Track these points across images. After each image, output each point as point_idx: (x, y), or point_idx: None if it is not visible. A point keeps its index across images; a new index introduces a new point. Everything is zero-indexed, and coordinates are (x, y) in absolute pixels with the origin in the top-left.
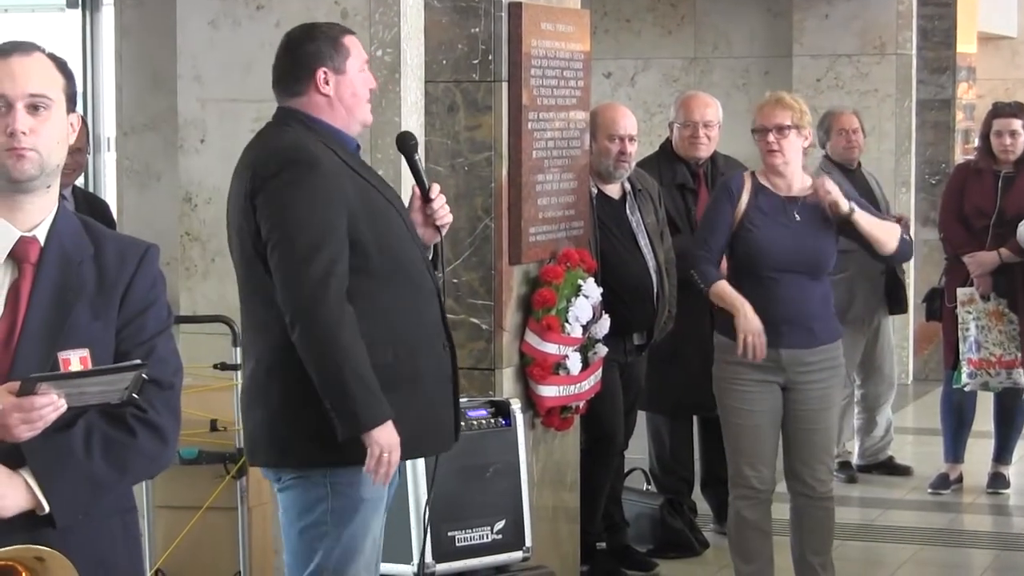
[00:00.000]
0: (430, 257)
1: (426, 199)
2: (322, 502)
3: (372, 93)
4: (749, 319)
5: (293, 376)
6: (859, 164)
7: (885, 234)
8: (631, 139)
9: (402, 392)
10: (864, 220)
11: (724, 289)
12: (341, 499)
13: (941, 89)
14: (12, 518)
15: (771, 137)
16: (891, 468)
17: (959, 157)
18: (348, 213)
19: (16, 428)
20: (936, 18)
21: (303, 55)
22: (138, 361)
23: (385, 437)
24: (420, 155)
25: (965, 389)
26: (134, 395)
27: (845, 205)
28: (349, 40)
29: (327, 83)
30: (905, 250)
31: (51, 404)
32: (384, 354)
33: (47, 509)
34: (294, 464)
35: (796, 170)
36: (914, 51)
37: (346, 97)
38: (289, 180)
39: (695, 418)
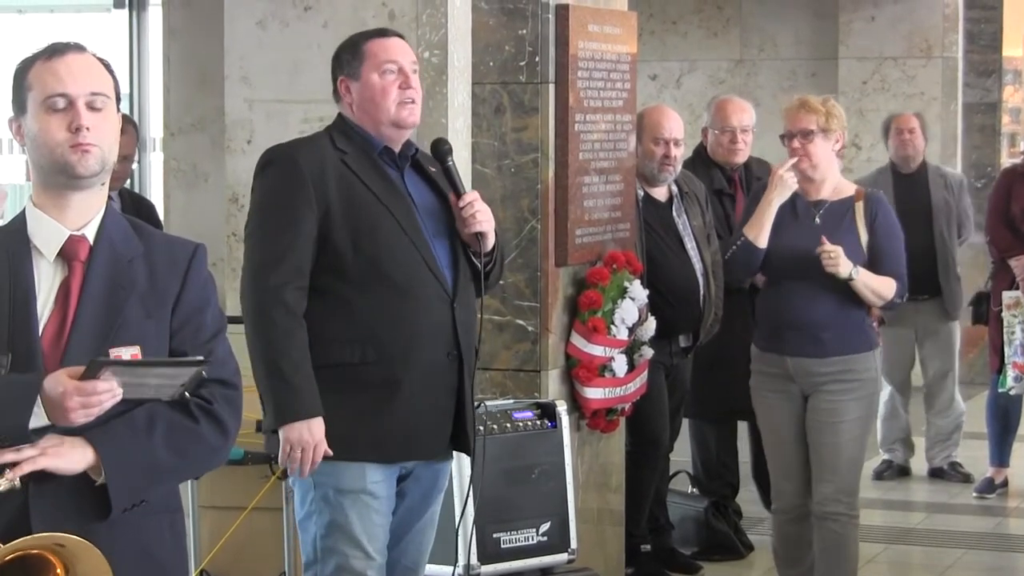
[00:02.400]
0: (485, 266)
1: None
2: (309, 492)
3: (403, 92)
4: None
5: None
6: (923, 166)
7: (875, 296)
8: (676, 143)
9: (372, 395)
10: (862, 286)
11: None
12: (321, 489)
13: (987, 92)
14: (66, 509)
15: (796, 143)
16: (952, 473)
17: (1005, 160)
18: (321, 212)
19: (74, 412)
20: (983, 21)
21: (333, 65)
22: (200, 358)
23: (296, 435)
24: (453, 160)
25: (1011, 393)
26: (187, 394)
27: (845, 272)
28: (372, 45)
29: (348, 91)
30: (894, 305)
31: (110, 391)
32: (350, 353)
33: (103, 478)
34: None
35: (828, 174)
36: (960, 54)
37: (365, 104)
38: (260, 180)
39: (748, 424)
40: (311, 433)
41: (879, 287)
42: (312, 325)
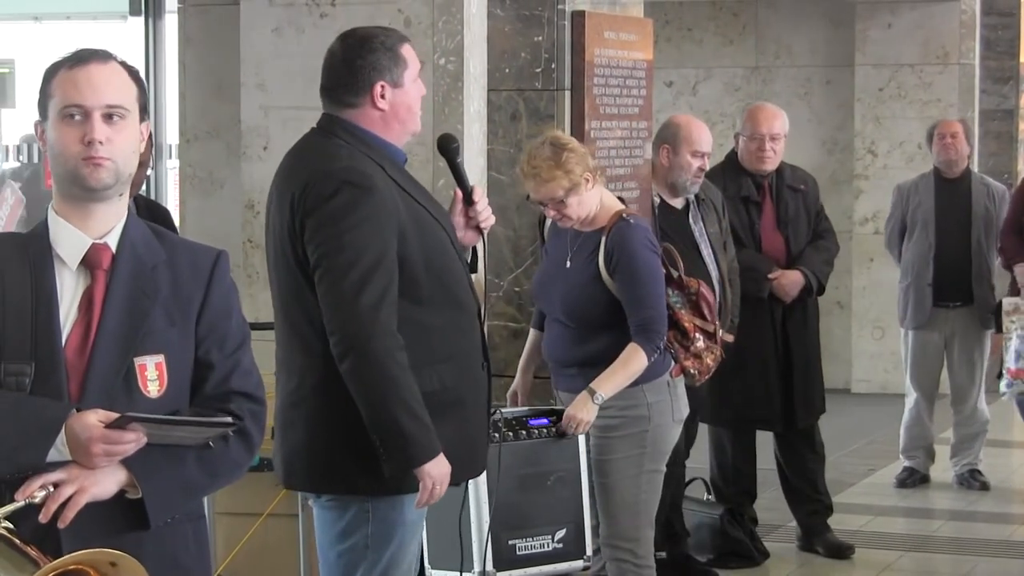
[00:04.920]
0: (468, 259)
1: (468, 201)
2: (362, 527)
3: (423, 100)
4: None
5: (339, 397)
6: (967, 173)
7: (629, 377)
8: (708, 155)
9: (447, 419)
10: (615, 389)
11: None
12: (381, 524)
13: (1004, 99)
14: (97, 520)
15: (551, 213)
16: (971, 481)
17: (1022, 167)
18: (399, 236)
19: (97, 457)
20: (1000, 28)
21: (361, 67)
22: (228, 419)
23: (437, 471)
24: (462, 157)
25: (1003, 399)
26: (210, 443)
27: (591, 417)
28: (406, 50)
29: (383, 97)
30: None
31: (135, 440)
32: (431, 381)
33: (140, 493)
34: (337, 490)
35: (593, 212)
36: (977, 61)
37: (401, 111)
38: (343, 204)
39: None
40: (446, 465)
41: (628, 373)
42: None
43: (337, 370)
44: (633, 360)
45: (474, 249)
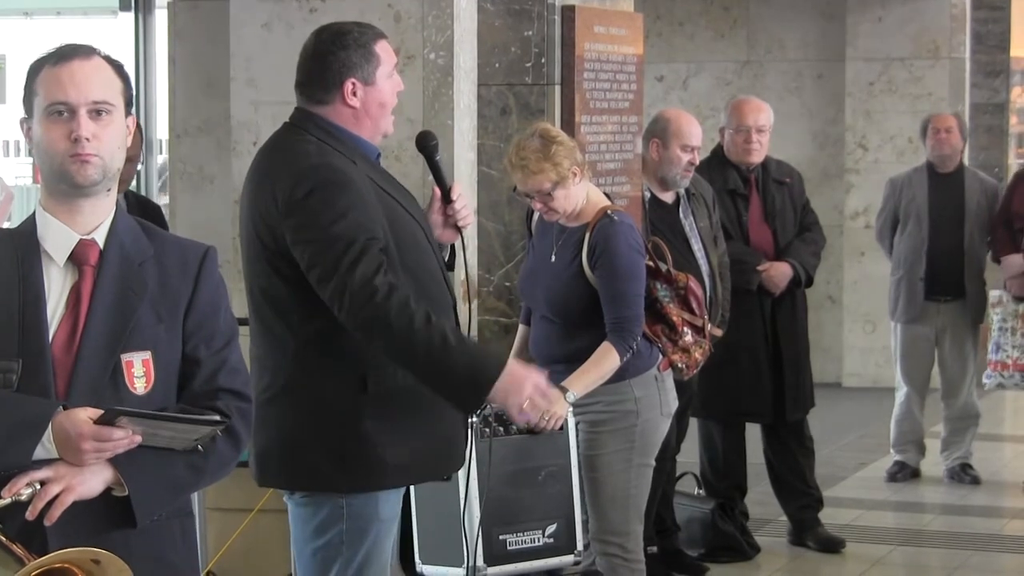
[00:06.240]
0: (446, 257)
1: (447, 199)
2: (336, 524)
3: (398, 96)
4: None
5: (308, 394)
6: (960, 168)
7: (602, 376)
8: (698, 149)
9: (423, 415)
10: (587, 389)
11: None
12: (356, 521)
13: (995, 93)
14: (83, 518)
15: (538, 205)
16: (962, 475)
17: (1012, 161)
18: (381, 232)
19: (87, 455)
20: (990, 21)
21: (332, 63)
22: (217, 418)
23: (504, 391)
24: (441, 155)
25: (983, 389)
26: (199, 447)
27: (564, 412)
28: (381, 47)
29: (355, 95)
30: (625, 359)
31: (126, 438)
32: (404, 377)
33: (126, 491)
34: (310, 487)
35: (579, 206)
36: (968, 55)
37: (373, 109)
38: (321, 201)
39: (760, 426)
40: (521, 372)
41: (600, 373)
42: (365, 354)
43: (309, 368)
44: (605, 360)
45: (452, 247)
